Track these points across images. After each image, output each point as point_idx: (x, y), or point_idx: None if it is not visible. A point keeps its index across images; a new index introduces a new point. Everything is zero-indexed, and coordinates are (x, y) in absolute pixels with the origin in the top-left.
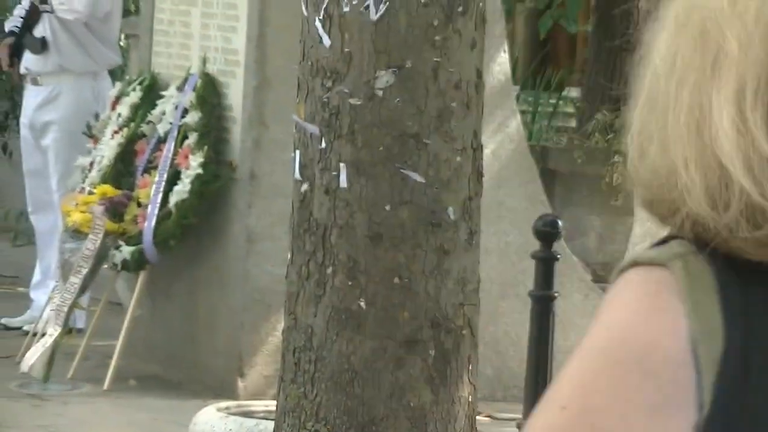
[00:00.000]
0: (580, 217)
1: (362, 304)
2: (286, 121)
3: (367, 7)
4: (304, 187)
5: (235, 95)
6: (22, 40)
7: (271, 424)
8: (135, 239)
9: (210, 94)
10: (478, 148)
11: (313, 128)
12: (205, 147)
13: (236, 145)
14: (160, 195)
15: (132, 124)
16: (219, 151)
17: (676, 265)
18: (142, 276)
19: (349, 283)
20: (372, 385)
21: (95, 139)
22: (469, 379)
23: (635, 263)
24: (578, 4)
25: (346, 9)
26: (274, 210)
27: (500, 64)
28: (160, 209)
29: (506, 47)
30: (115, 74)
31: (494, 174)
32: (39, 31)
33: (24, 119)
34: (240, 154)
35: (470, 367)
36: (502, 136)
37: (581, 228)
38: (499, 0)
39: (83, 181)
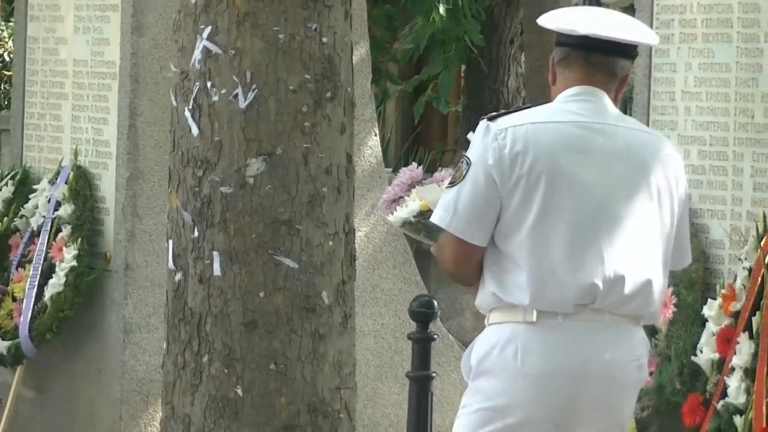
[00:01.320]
0: (455, 297)
1: (239, 391)
2: (160, 212)
3: (236, 95)
4: (178, 276)
5: (107, 187)
6: None
7: None
8: (11, 334)
9: (82, 186)
10: (350, 232)
11: (187, 216)
12: (79, 239)
13: (110, 236)
14: (35, 289)
15: (5, 219)
16: (93, 243)
17: None
18: (19, 370)
19: (225, 370)
20: None
21: None
22: None
23: None
24: (449, 87)
25: (215, 98)
26: (150, 300)
27: (371, 147)
28: (36, 303)
29: (377, 130)
30: None
31: (368, 257)
32: None
33: None
34: (114, 245)
35: None
36: (375, 219)
37: (457, 307)
38: (369, 83)
39: None
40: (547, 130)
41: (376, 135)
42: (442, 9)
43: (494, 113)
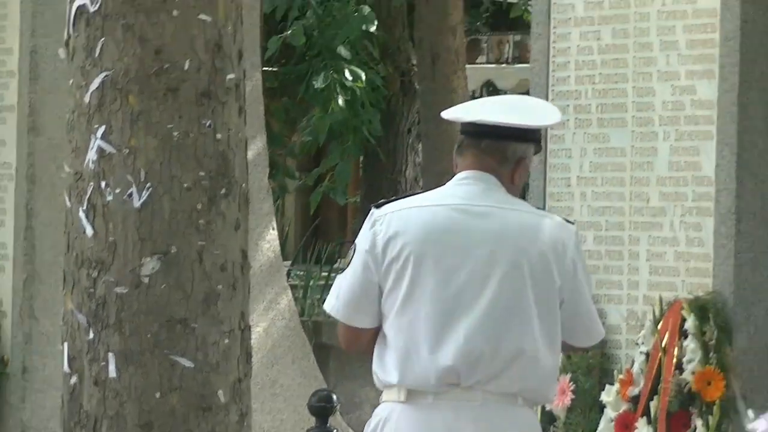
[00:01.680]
0: (354, 391)
1: None
2: (57, 314)
3: (131, 194)
4: (74, 379)
5: (4, 289)
6: None
7: None
8: None
9: None
10: (245, 329)
11: (82, 318)
12: None
13: (7, 339)
14: None
15: None
16: None
17: None
18: None
19: None
20: None
21: None
22: None
23: None
24: (346, 178)
25: (110, 198)
26: (48, 404)
27: (269, 241)
28: None
29: (275, 224)
30: None
31: (267, 352)
32: None
33: None
34: (12, 348)
35: None
36: (274, 314)
37: (356, 401)
38: (266, 177)
39: None
40: (422, 214)
41: (274, 229)
42: (341, 100)
43: (384, 200)
